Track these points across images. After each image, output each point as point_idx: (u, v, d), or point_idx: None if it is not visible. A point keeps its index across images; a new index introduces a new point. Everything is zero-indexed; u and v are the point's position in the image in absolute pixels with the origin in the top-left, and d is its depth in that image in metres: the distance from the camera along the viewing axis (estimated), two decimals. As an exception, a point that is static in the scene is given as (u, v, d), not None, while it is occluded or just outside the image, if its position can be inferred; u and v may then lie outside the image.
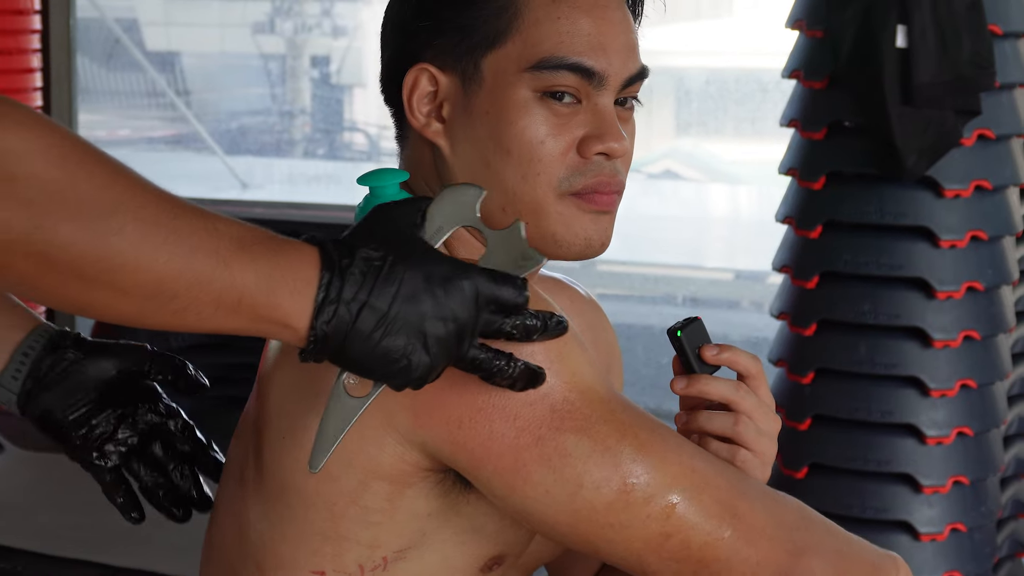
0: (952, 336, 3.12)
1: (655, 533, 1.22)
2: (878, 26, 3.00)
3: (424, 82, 1.35)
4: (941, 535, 3.15)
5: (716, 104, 10.87)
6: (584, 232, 1.34)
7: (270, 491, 1.32)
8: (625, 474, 1.21)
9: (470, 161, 1.34)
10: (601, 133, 1.33)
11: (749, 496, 1.26)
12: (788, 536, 1.28)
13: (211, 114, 10.79)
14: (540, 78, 1.32)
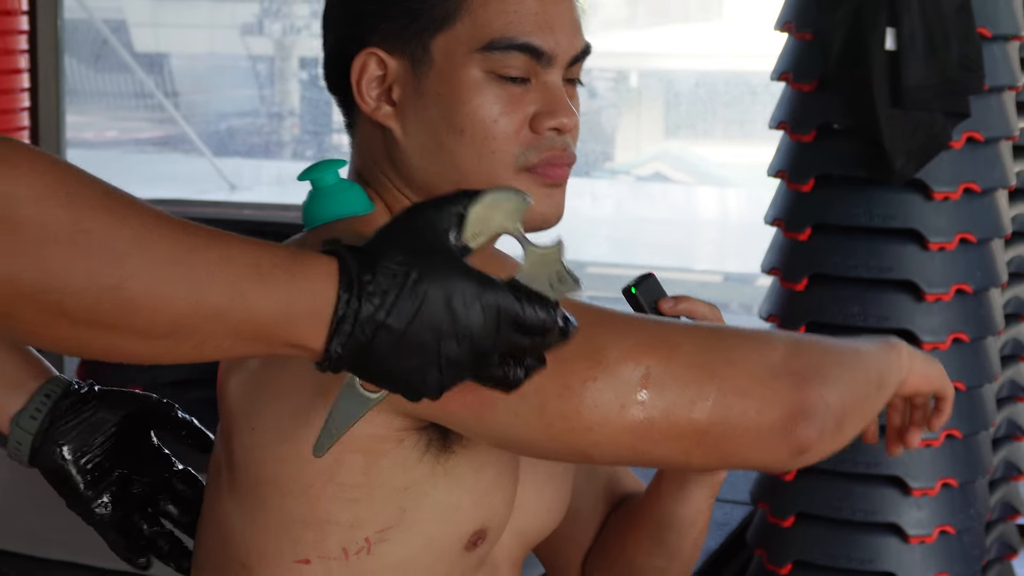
0: (941, 339, 3.12)
1: (638, 421, 1.20)
2: (867, 28, 3.00)
3: (372, 66, 1.36)
4: (930, 537, 3.15)
5: (705, 107, 10.88)
6: (540, 208, 1.36)
7: (245, 487, 1.32)
8: (584, 375, 1.20)
9: (423, 142, 1.35)
10: (552, 109, 1.35)
11: (724, 349, 1.23)
12: (783, 372, 1.24)
13: (199, 115, 10.78)
14: (491, 59, 1.33)
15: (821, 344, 1.27)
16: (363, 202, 1.38)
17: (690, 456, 1.23)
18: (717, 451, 1.22)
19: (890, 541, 3.16)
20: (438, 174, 1.34)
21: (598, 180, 12.47)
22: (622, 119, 12.41)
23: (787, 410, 1.22)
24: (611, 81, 12.41)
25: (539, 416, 1.19)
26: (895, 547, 3.16)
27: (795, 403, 1.23)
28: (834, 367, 1.26)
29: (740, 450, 1.23)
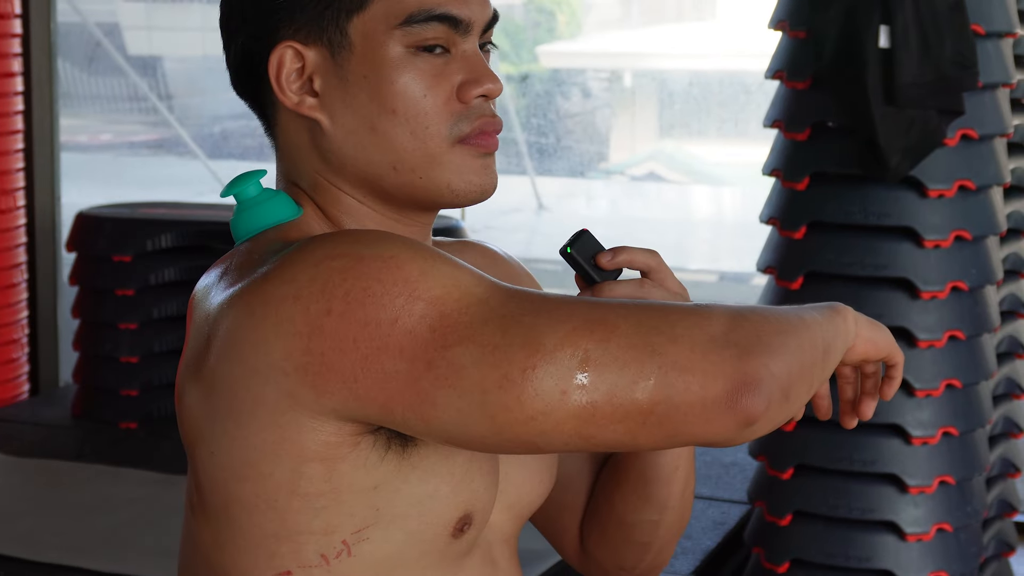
0: (937, 336, 3.12)
1: (580, 406, 1.19)
2: (861, 26, 3.00)
3: (289, 59, 1.35)
4: (927, 535, 3.15)
5: (699, 106, 10.88)
6: (477, 179, 1.36)
7: (213, 508, 1.32)
8: (523, 364, 1.18)
9: (353, 128, 1.35)
10: (477, 76, 1.36)
11: (663, 326, 1.21)
12: (724, 345, 1.21)
13: (193, 118, 10.78)
14: (411, 33, 1.33)
15: (763, 313, 1.25)
16: (288, 208, 1.37)
17: (637, 437, 1.21)
18: (663, 429, 1.21)
19: (887, 539, 3.16)
20: (373, 159, 1.34)
21: (593, 180, 12.47)
22: (616, 119, 12.41)
23: (731, 383, 1.20)
24: (605, 81, 12.42)
25: (481, 410, 1.18)
26: (892, 545, 3.16)
27: (738, 375, 1.20)
28: (777, 335, 1.24)
29: (687, 427, 1.21)
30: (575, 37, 12.73)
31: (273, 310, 1.23)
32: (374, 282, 1.20)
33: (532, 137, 10.79)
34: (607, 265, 1.37)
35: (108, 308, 4.85)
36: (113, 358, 4.86)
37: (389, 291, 1.20)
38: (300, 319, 1.21)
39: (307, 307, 1.21)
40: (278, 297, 1.23)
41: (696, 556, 3.64)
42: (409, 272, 1.21)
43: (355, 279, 1.21)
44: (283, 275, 1.24)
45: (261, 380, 1.23)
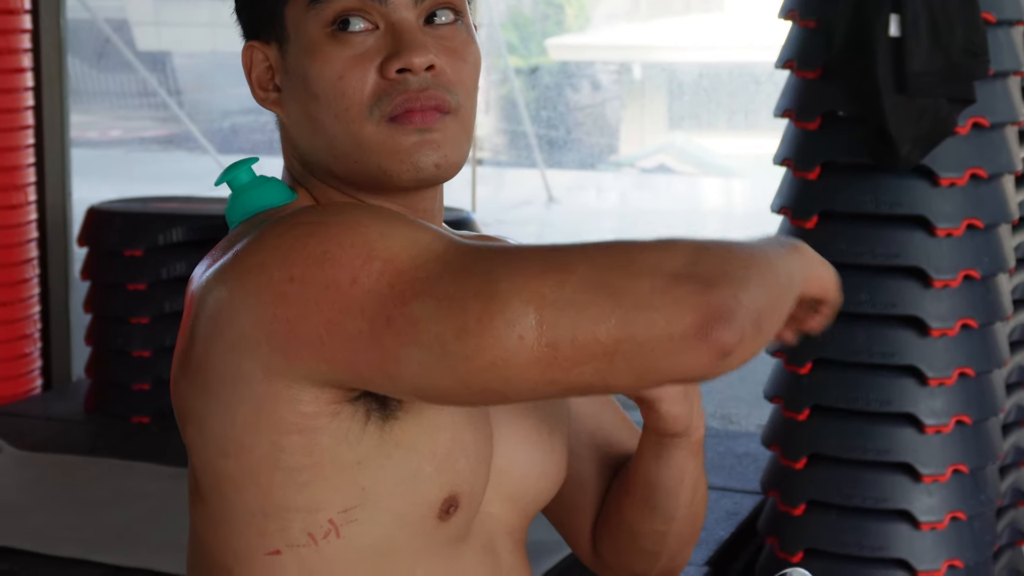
0: (950, 325, 3.11)
1: (540, 351, 1.16)
2: (871, 15, 3.00)
3: (258, 59, 1.36)
4: (941, 524, 3.14)
5: (709, 97, 10.87)
6: (409, 158, 1.32)
7: (205, 489, 1.33)
8: (478, 313, 1.16)
9: (298, 119, 1.35)
10: (398, 50, 1.30)
11: (622, 264, 1.18)
12: (687, 278, 1.18)
13: (203, 113, 10.79)
14: (321, 10, 1.31)
15: (727, 246, 1.21)
16: (281, 193, 1.37)
17: (606, 378, 1.18)
18: (632, 368, 1.17)
19: (901, 528, 3.16)
20: (315, 146, 1.33)
21: (603, 173, 12.46)
22: (626, 111, 12.40)
23: (699, 315, 1.16)
24: (614, 74, 12.41)
25: (442, 362, 1.17)
26: (906, 534, 3.16)
27: (707, 306, 1.16)
28: (743, 268, 1.20)
29: (657, 364, 1.17)
30: (584, 30, 12.73)
31: (242, 282, 1.23)
32: (334, 245, 1.20)
33: (542, 130, 10.79)
34: None
35: (120, 303, 4.85)
36: (125, 352, 4.87)
37: (347, 252, 1.20)
38: (266, 288, 1.22)
39: (271, 275, 1.21)
40: (246, 268, 1.24)
41: (710, 546, 3.64)
42: (368, 234, 1.20)
43: (316, 244, 1.21)
44: (253, 246, 1.25)
45: (238, 353, 1.24)
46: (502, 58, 11.38)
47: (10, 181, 5.08)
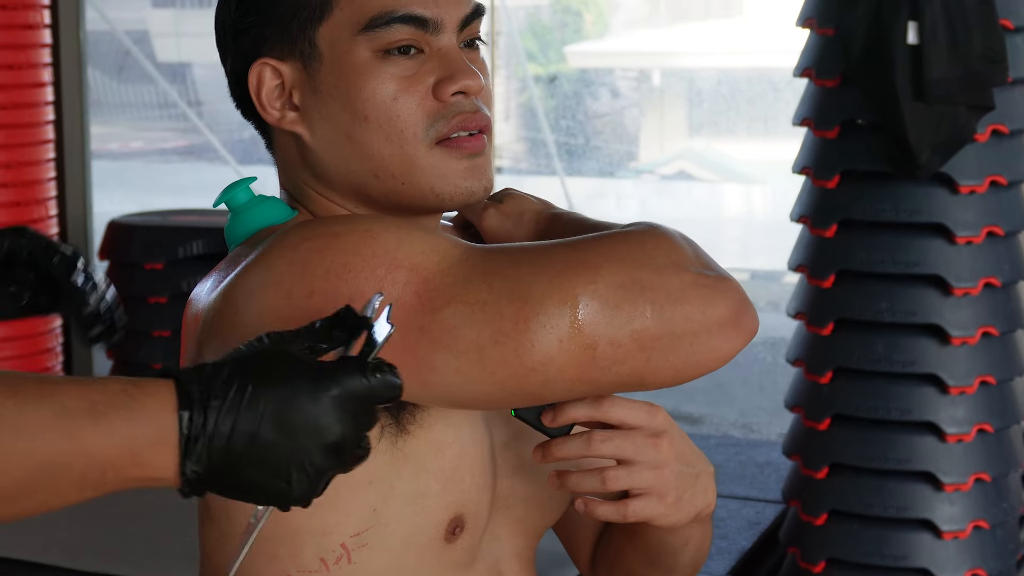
0: (970, 333, 3.10)
1: (578, 350, 1.18)
2: (889, 23, 2.99)
3: (268, 76, 1.34)
4: (963, 533, 3.13)
5: (728, 104, 10.86)
6: (462, 183, 1.33)
7: (215, 510, 1.32)
8: (514, 317, 1.17)
9: (331, 139, 1.33)
10: (452, 73, 1.32)
11: (645, 260, 1.21)
12: (702, 267, 1.23)
13: (223, 124, 10.81)
14: (375, 37, 1.31)
15: (681, 235, 1.27)
16: (281, 211, 1.36)
17: (644, 374, 1.20)
18: (669, 362, 1.20)
19: (923, 537, 3.15)
20: (354, 168, 1.32)
21: (622, 180, 12.46)
22: (645, 118, 12.40)
23: (730, 304, 1.22)
24: (633, 81, 12.41)
25: (480, 368, 1.17)
26: (928, 543, 3.15)
27: (733, 295, 1.22)
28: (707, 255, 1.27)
29: (694, 355, 1.21)
30: (602, 37, 12.72)
31: (256, 299, 1.22)
32: (352, 256, 1.20)
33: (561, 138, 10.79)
34: (550, 424, 1.31)
35: (141, 315, 4.87)
36: (146, 365, 4.88)
37: (369, 263, 1.19)
38: (283, 305, 1.20)
39: (289, 292, 1.21)
40: (260, 285, 1.22)
41: (732, 556, 3.63)
42: (386, 242, 1.20)
43: (334, 255, 1.20)
44: (262, 264, 1.23)
45: None
46: (521, 66, 11.40)
47: (31, 195, 5.10)
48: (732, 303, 1.22)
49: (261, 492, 1.04)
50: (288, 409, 1.02)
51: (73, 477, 1.01)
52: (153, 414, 1.02)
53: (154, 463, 1.02)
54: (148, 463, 1.02)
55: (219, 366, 1.03)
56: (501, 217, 1.42)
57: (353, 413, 1.04)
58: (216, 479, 1.03)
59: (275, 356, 1.05)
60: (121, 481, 1.02)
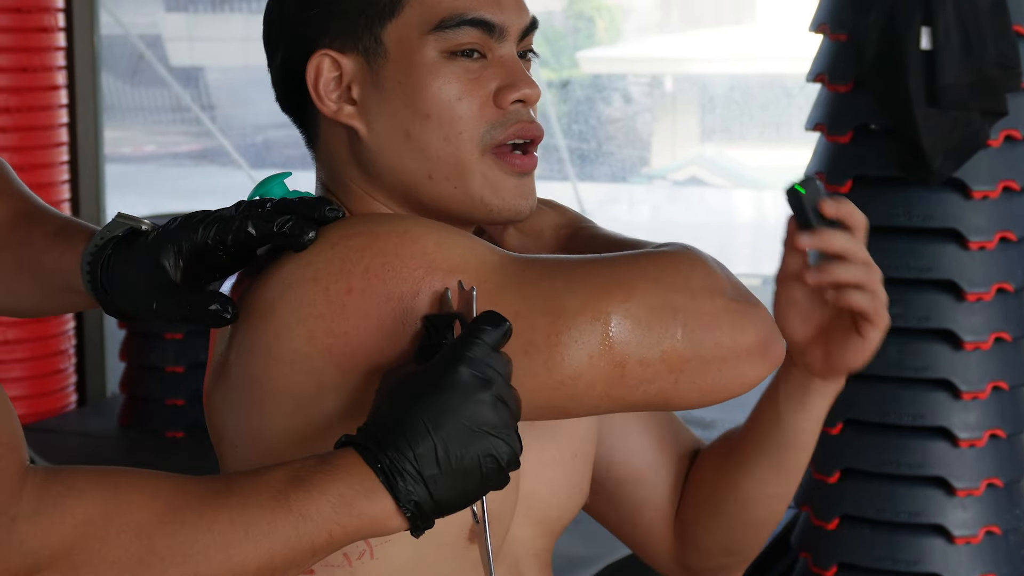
0: (983, 338, 3.10)
1: (608, 367, 1.19)
2: (902, 28, 2.99)
3: (327, 67, 1.34)
4: (976, 538, 3.13)
5: (740, 110, 10.87)
6: (512, 200, 1.34)
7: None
8: (546, 330, 1.19)
9: (389, 136, 1.34)
10: (514, 81, 1.34)
11: (680, 283, 1.23)
12: (735, 294, 1.25)
13: (236, 128, 10.83)
14: (444, 38, 1.32)
15: (716, 262, 1.30)
16: None
17: (670, 396, 1.22)
18: (696, 385, 1.22)
19: (935, 542, 3.15)
20: (408, 168, 1.33)
21: (635, 185, 12.46)
22: (657, 124, 12.40)
23: (759, 332, 1.24)
24: (646, 86, 12.41)
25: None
26: (940, 548, 3.15)
27: (762, 323, 1.25)
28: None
29: (722, 380, 1.23)
30: (615, 43, 12.73)
31: (292, 294, 1.23)
32: (392, 257, 1.21)
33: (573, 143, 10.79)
34: (830, 214, 1.35)
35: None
36: (159, 368, 4.89)
37: (407, 264, 1.20)
38: (321, 300, 1.21)
39: (327, 288, 1.21)
40: (296, 280, 1.23)
41: (743, 561, 3.63)
42: (425, 244, 1.21)
43: (373, 255, 1.21)
44: (299, 259, 1.23)
45: (284, 366, 1.23)
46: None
47: (45, 198, 5.08)
48: (761, 331, 1.25)
49: (475, 491, 1.14)
50: (448, 411, 1.12)
51: (306, 547, 1.09)
52: (351, 468, 1.11)
53: (370, 511, 1.11)
54: (365, 512, 1.11)
55: (381, 415, 1.13)
56: (521, 236, 1.44)
57: (489, 378, 1.13)
58: (433, 504, 1.12)
59: (404, 384, 1.14)
60: (346, 535, 1.11)
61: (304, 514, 1.09)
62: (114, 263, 1.29)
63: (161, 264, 1.26)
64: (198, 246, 1.26)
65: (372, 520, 1.10)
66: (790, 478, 1.50)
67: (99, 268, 1.30)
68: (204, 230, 1.25)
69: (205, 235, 1.25)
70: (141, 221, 1.32)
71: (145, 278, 1.27)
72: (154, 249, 1.27)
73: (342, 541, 1.11)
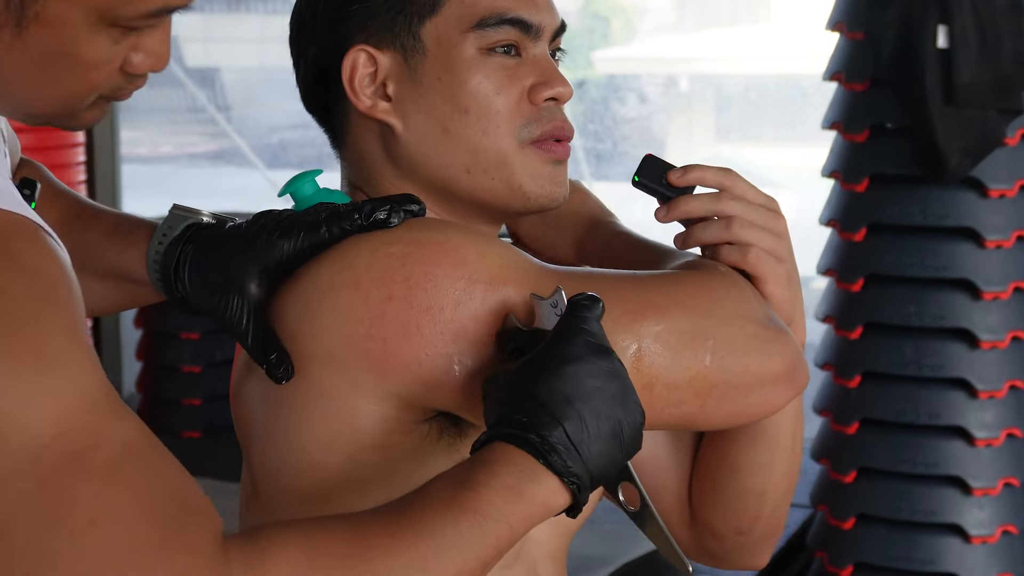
0: (999, 337, 3.10)
1: (636, 387, 1.18)
2: (918, 27, 2.99)
3: (362, 63, 1.35)
4: (992, 537, 3.13)
5: (756, 109, 10.85)
6: (549, 186, 1.36)
7: (267, 500, 1.32)
8: None
9: (428, 131, 1.35)
10: (548, 79, 1.36)
11: (711, 309, 1.24)
12: (767, 321, 1.26)
13: (252, 129, 10.84)
14: (483, 36, 1.34)
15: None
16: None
17: (696, 418, 1.24)
18: (722, 410, 1.24)
19: (952, 542, 3.14)
20: (446, 162, 1.34)
21: (650, 185, 12.40)
22: (673, 124, 12.39)
23: (786, 359, 1.26)
24: (661, 86, 12.40)
25: None
26: (957, 548, 3.14)
27: (790, 351, 1.26)
28: (796, 308, 1.31)
29: (747, 405, 1.25)
30: (630, 42, 12.71)
31: (331, 298, 1.23)
32: (433, 266, 1.21)
33: (589, 143, 10.79)
34: (677, 182, 1.36)
35: (170, 318, 4.89)
36: (175, 368, 4.90)
37: (449, 275, 1.21)
38: (361, 306, 1.21)
39: (367, 294, 1.21)
40: (336, 285, 1.23)
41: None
42: (467, 254, 1.22)
43: (414, 264, 1.21)
44: (339, 263, 1.24)
45: (319, 368, 1.23)
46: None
47: (61, 198, 5.13)
48: (788, 358, 1.26)
49: (620, 457, 1.14)
50: (587, 386, 1.12)
51: (489, 543, 1.11)
52: (507, 459, 1.12)
53: (539, 494, 1.11)
54: (535, 496, 1.11)
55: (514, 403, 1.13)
56: (542, 223, 1.45)
57: (607, 347, 1.14)
58: (589, 474, 1.12)
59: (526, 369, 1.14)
60: (523, 524, 1.12)
61: (482, 512, 1.10)
62: (188, 268, 1.30)
63: (244, 287, 1.27)
64: (285, 261, 1.26)
65: (543, 503, 1.11)
66: (773, 447, 1.49)
67: (171, 272, 1.31)
68: (290, 242, 1.26)
69: (293, 246, 1.26)
70: (200, 213, 1.33)
71: (225, 296, 1.28)
72: (237, 268, 1.27)
73: (520, 531, 1.12)
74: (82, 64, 1.08)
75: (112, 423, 1.05)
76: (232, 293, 1.27)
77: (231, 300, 1.27)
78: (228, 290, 1.27)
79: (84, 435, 1.02)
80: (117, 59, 1.10)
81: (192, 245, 1.31)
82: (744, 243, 1.33)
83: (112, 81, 1.11)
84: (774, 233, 1.34)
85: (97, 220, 1.42)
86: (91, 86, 1.10)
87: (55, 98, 1.10)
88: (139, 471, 1.06)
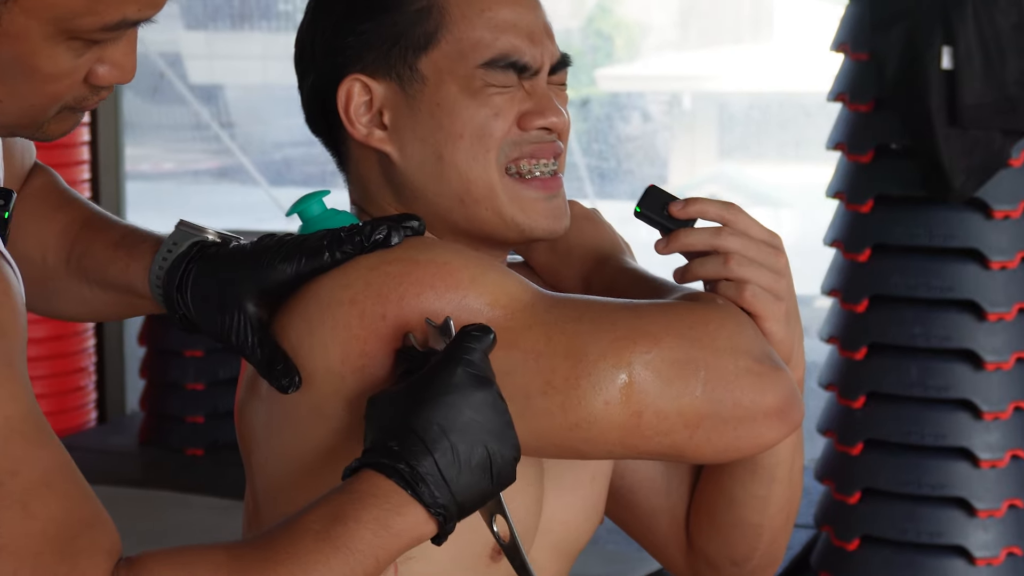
0: (1004, 358, 3.09)
1: (624, 416, 1.21)
2: (923, 48, 2.99)
3: (357, 92, 1.36)
4: (997, 559, 3.12)
5: (759, 128, 10.85)
6: (545, 221, 1.36)
7: (269, 517, 1.33)
8: (566, 373, 1.21)
9: (423, 159, 1.35)
10: (542, 108, 1.36)
11: (706, 339, 1.24)
12: (763, 356, 1.26)
13: (255, 146, 10.85)
14: (484, 76, 1.35)
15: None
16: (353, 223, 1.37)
17: (684, 449, 1.23)
18: (711, 442, 1.23)
19: (956, 563, 3.14)
20: (441, 191, 1.35)
21: (653, 203, 12.41)
22: (676, 142, 12.40)
23: (780, 396, 1.25)
24: (664, 104, 12.41)
25: (522, 415, 1.19)
26: (961, 569, 3.14)
27: (784, 387, 1.25)
28: (796, 345, 1.30)
29: (737, 439, 1.24)
30: (633, 60, 12.73)
31: (330, 315, 1.24)
32: (427, 288, 1.23)
33: (592, 161, 10.80)
34: (678, 214, 1.35)
35: (174, 336, 4.89)
36: (179, 385, 4.90)
37: (442, 297, 1.22)
38: (356, 323, 1.23)
39: (363, 311, 1.23)
40: (335, 301, 1.24)
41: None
42: (460, 278, 1.23)
43: (409, 284, 1.23)
44: (339, 280, 1.25)
45: (318, 384, 1.25)
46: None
47: (65, 215, 5.13)
48: (782, 394, 1.25)
49: (489, 489, 1.16)
50: (460, 416, 1.14)
51: (357, 575, 1.13)
52: (375, 490, 1.13)
53: (405, 526, 1.14)
54: (402, 529, 1.13)
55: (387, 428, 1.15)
56: (550, 253, 1.45)
57: (489, 378, 1.16)
58: (457, 505, 1.14)
59: (403, 394, 1.16)
60: (390, 555, 1.14)
61: (351, 548, 1.11)
62: (191, 286, 1.31)
63: (245, 307, 1.27)
64: (285, 284, 1.27)
65: (409, 533, 1.13)
66: (771, 480, 1.49)
67: (174, 290, 1.31)
68: (292, 266, 1.27)
69: (295, 270, 1.27)
70: (205, 231, 1.33)
71: (226, 315, 1.29)
72: (238, 290, 1.28)
73: (387, 561, 1.13)
74: (42, 75, 1.09)
75: (33, 451, 1.07)
76: (233, 312, 1.28)
77: (233, 319, 1.28)
78: (229, 310, 1.28)
79: (3, 461, 1.05)
80: (80, 71, 1.11)
81: (196, 264, 1.31)
82: (741, 280, 1.32)
83: (75, 92, 1.12)
84: (773, 270, 1.34)
85: (105, 231, 1.42)
86: (52, 97, 1.11)
87: (16, 109, 1.11)
88: (54, 500, 1.10)
